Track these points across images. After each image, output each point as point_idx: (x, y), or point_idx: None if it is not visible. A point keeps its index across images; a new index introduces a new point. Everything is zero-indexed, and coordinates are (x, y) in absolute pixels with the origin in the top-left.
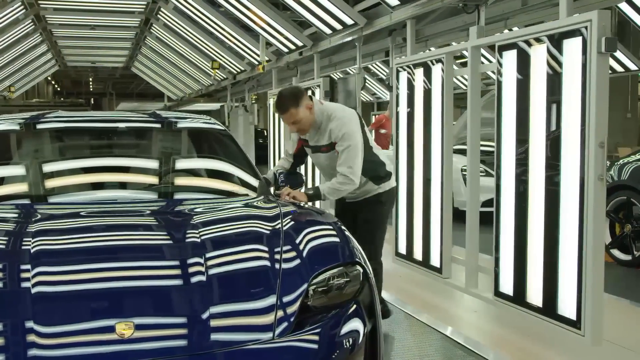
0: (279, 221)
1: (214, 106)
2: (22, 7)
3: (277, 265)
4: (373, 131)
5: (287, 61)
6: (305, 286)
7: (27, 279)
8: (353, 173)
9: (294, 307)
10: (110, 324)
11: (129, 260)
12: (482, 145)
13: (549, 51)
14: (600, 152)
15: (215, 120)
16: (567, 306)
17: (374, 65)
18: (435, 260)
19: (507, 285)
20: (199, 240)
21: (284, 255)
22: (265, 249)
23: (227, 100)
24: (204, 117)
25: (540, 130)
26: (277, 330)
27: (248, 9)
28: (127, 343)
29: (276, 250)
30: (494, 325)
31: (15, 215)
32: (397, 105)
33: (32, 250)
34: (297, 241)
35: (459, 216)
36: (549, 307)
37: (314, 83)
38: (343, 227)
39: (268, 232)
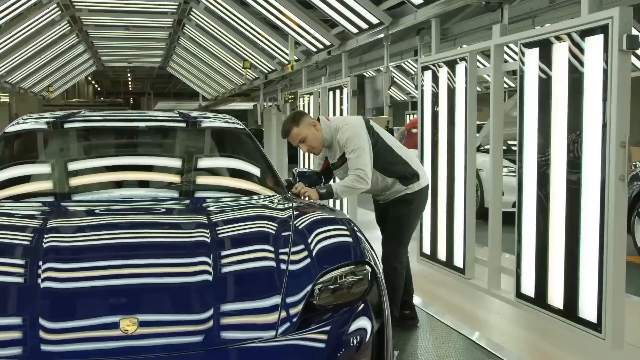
0: (291, 221)
1: (248, 106)
2: (57, 8)
3: (283, 265)
4: (406, 132)
5: (316, 60)
6: (311, 285)
7: (38, 275)
8: (363, 172)
9: (299, 306)
10: (115, 320)
11: (136, 257)
12: (514, 145)
13: (570, 49)
14: (621, 152)
15: (235, 120)
16: (587, 309)
17: (407, 63)
18: (458, 261)
19: (528, 287)
20: (208, 239)
21: (293, 255)
22: (274, 249)
23: (260, 100)
24: (224, 116)
25: (562, 129)
26: (281, 329)
27: (276, 8)
28: (131, 339)
29: (285, 250)
30: (516, 327)
31: (34, 212)
32: (422, 104)
33: (44, 246)
34: (308, 240)
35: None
36: (570, 309)
37: (342, 82)
38: (356, 228)
39: (279, 232)
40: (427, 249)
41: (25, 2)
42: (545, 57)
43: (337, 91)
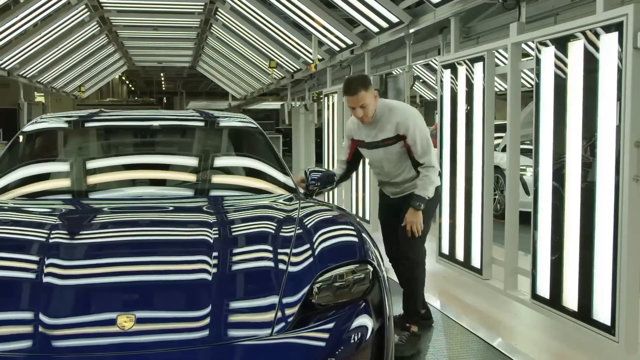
0: (297, 220)
1: (277, 105)
2: (86, 9)
3: (283, 265)
4: (435, 131)
5: (340, 60)
6: (310, 284)
7: (42, 270)
8: (434, 160)
9: (296, 305)
10: (112, 316)
11: (137, 255)
12: None
13: (585, 47)
14: (635, 152)
15: (249, 119)
16: (601, 311)
17: (434, 62)
18: (476, 261)
19: (543, 288)
20: (211, 238)
21: (294, 255)
22: (276, 248)
23: (287, 99)
24: (239, 115)
25: (577, 129)
26: (277, 327)
27: (299, 8)
28: (127, 335)
29: (286, 250)
30: (531, 329)
31: (46, 209)
32: (442, 102)
33: (50, 242)
34: (313, 239)
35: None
36: (584, 311)
37: None
38: (361, 228)
39: (283, 231)
40: (445, 249)
41: (55, 3)
42: (561, 55)
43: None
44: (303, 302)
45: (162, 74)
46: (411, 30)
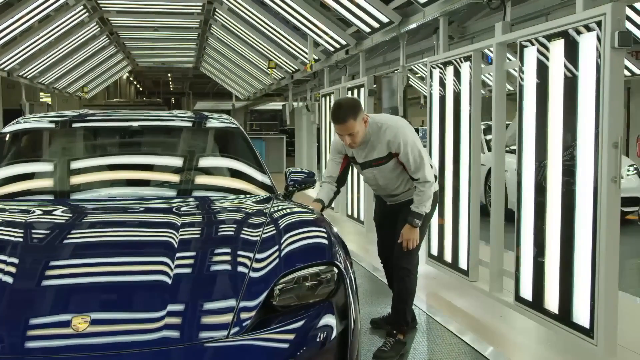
0: (266, 222)
1: (279, 105)
2: (84, 10)
3: (245, 268)
4: None
5: (336, 60)
6: (270, 286)
7: (1, 270)
8: (429, 174)
9: (255, 308)
10: (67, 318)
11: (96, 256)
12: None
13: (566, 46)
14: (614, 153)
15: (231, 120)
16: (581, 314)
17: None
18: (463, 263)
19: (526, 291)
20: (175, 241)
21: (257, 260)
22: (240, 251)
23: (289, 100)
24: (222, 116)
25: (558, 130)
26: (233, 330)
27: (293, 8)
28: (80, 337)
29: (249, 254)
30: (515, 332)
31: (19, 210)
32: (431, 103)
33: (13, 241)
34: (280, 241)
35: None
36: (564, 314)
37: (361, 81)
38: (332, 231)
39: (249, 233)
40: (434, 251)
41: (52, 3)
42: (544, 55)
43: (356, 90)
44: (265, 304)
45: (169, 75)
46: (402, 30)
